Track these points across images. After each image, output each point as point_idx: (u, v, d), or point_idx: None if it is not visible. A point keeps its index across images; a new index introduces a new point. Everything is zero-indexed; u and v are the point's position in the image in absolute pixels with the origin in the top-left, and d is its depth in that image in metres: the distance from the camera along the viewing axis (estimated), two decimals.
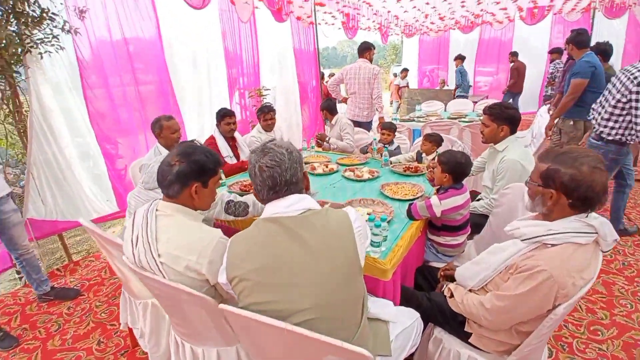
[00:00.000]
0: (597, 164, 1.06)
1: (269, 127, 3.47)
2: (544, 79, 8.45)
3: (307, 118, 6.41)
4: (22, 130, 2.63)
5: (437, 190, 2.13)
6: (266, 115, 3.41)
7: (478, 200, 2.42)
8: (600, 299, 2.30)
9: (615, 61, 6.23)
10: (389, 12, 6.12)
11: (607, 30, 7.27)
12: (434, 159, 2.95)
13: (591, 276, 1.08)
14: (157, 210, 1.19)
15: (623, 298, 2.29)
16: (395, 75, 12.35)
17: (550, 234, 1.12)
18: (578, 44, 3.22)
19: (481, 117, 4.95)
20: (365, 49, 4.19)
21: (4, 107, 2.57)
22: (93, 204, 3.15)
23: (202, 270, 1.11)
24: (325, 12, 5.80)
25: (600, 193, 1.07)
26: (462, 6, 5.62)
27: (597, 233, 1.09)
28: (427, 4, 5.37)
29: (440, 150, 2.85)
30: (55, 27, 2.65)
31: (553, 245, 1.11)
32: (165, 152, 2.61)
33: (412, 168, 2.69)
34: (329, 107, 3.75)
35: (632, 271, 2.57)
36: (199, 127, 4.28)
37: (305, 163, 2.99)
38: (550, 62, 6.69)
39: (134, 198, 1.81)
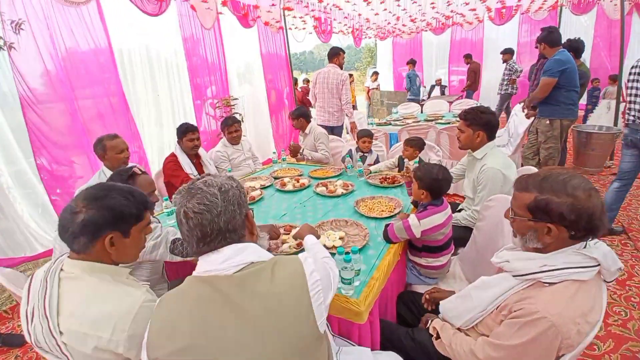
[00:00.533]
0: (589, 185, 0.93)
1: (234, 139, 3.23)
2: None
3: (281, 127, 6.18)
4: None
5: (416, 206, 1.95)
6: (230, 127, 3.17)
7: (459, 210, 2.26)
8: None
9: (585, 57, 6.36)
10: (359, 15, 6.01)
11: (575, 26, 7.45)
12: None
13: (597, 319, 0.91)
14: (61, 270, 0.93)
15: (616, 305, 2.17)
16: (376, 74, 12.31)
17: (546, 271, 0.94)
18: (550, 43, 3.16)
19: (457, 118, 4.90)
20: (334, 55, 4.13)
21: None
22: (38, 237, 2.80)
23: (118, 350, 0.85)
24: (294, 17, 5.61)
25: (602, 218, 0.90)
26: (433, 7, 5.58)
27: (599, 265, 0.93)
28: (398, 5, 5.29)
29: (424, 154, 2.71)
30: None
31: (551, 284, 0.93)
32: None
33: (389, 179, 2.52)
34: (302, 115, 3.51)
35: (622, 274, 2.47)
36: (159, 144, 3.98)
37: (275, 178, 2.77)
38: (503, 63, 6.85)
39: (59, 243, 1.52)
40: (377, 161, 3.11)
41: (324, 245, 1.61)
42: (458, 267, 1.94)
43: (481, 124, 1.98)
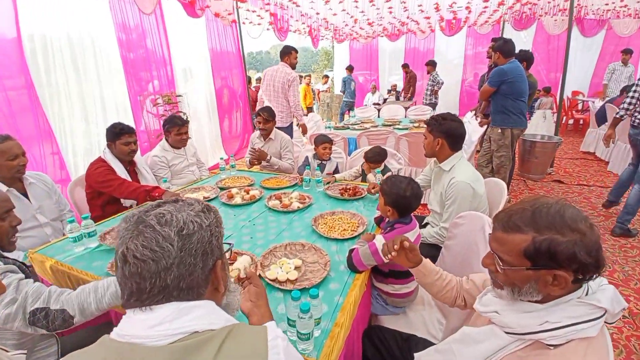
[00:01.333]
0: (582, 213, 0.76)
1: (182, 142, 2.79)
2: (462, 87, 9.10)
3: (233, 128, 5.74)
4: None
5: (379, 224, 1.74)
6: (181, 128, 2.73)
7: (425, 225, 2.11)
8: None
9: None
10: (317, 13, 5.80)
11: (515, 41, 7.97)
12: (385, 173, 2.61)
13: None
14: None
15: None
16: (325, 77, 12.26)
17: (549, 330, 0.74)
18: (504, 53, 3.21)
19: (414, 124, 4.88)
20: (286, 53, 3.97)
21: None
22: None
23: None
24: (248, 10, 5.22)
25: (602, 253, 0.73)
26: (390, 12, 5.56)
27: (606, 312, 0.76)
28: (356, 7, 5.17)
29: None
30: None
31: (556, 345, 0.74)
32: (2, 187, 1.80)
33: (349, 190, 2.29)
34: (270, 115, 3.07)
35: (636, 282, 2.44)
36: (86, 146, 3.37)
37: (222, 189, 2.41)
38: (427, 73, 7.25)
39: None
40: (336, 170, 2.88)
41: (276, 280, 1.32)
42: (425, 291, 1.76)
43: (441, 131, 1.87)
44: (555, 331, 0.73)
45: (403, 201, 1.49)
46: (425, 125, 2.00)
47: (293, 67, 4.02)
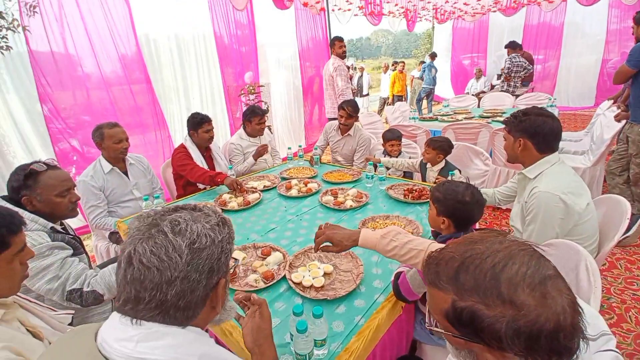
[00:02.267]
0: (542, 272, 0.51)
1: (259, 132, 2.93)
2: (601, 69, 7.17)
3: (321, 117, 5.81)
4: None
5: (436, 237, 1.47)
6: (261, 118, 2.85)
7: None
8: None
9: None
10: None
11: None
12: (444, 173, 2.26)
13: None
14: None
15: None
16: (421, 63, 11.32)
17: None
18: None
19: None
20: (332, 45, 4.04)
21: None
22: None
23: None
24: None
25: (575, 331, 0.49)
26: None
27: None
28: None
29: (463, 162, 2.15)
30: (1, 27, 2.31)
31: None
32: (107, 166, 2.17)
33: (415, 192, 2.02)
34: (354, 109, 2.85)
35: None
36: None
37: (283, 179, 2.44)
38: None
39: None
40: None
41: (300, 284, 1.24)
42: None
43: (522, 130, 1.49)
44: None
45: (462, 208, 1.22)
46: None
47: (340, 56, 4.01)
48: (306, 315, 0.95)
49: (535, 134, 1.45)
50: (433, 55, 8.01)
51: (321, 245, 1.16)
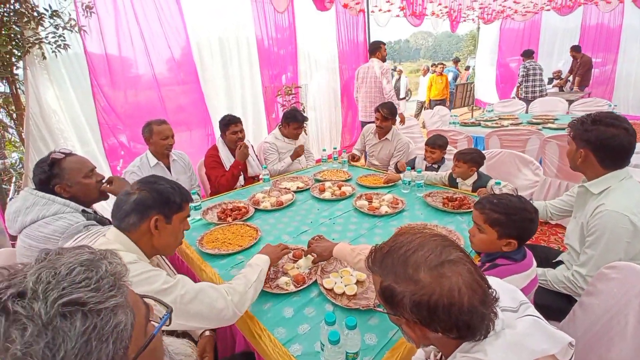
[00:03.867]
0: (442, 256, 0.62)
1: (296, 137, 2.94)
2: None
3: (356, 120, 5.75)
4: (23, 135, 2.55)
5: (479, 254, 1.36)
6: (300, 124, 2.86)
7: (555, 264, 1.55)
8: None
9: None
10: None
11: None
12: (479, 185, 2.11)
13: None
14: (103, 235, 1.04)
15: None
16: (467, 69, 10.84)
17: None
18: None
19: None
20: (376, 49, 4.09)
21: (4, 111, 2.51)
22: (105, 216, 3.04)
23: None
24: None
25: (473, 308, 0.57)
26: None
27: None
28: None
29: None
30: (57, 26, 2.49)
31: None
32: (153, 160, 2.30)
33: (455, 201, 1.90)
34: (389, 111, 2.78)
35: None
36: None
37: (317, 181, 2.41)
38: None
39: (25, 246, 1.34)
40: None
41: (332, 290, 1.20)
42: None
43: (587, 140, 1.31)
44: None
45: (528, 226, 1.12)
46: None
47: (383, 60, 4.08)
48: (338, 325, 0.90)
49: (602, 147, 1.29)
50: (456, 60, 7.90)
51: (310, 256, 1.37)
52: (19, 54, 2.35)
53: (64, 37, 2.54)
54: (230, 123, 2.55)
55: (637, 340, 0.90)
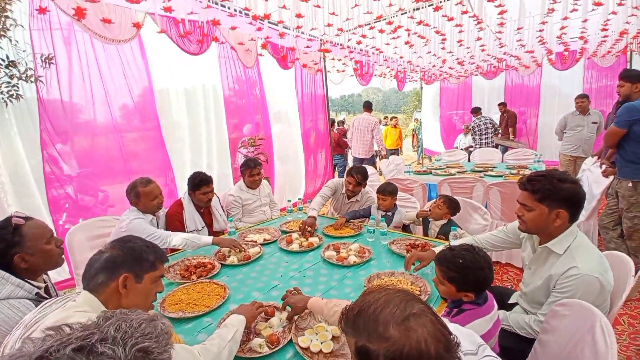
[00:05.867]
0: (406, 310, 0.67)
1: (254, 183, 2.97)
2: None
3: (318, 168, 5.97)
4: None
5: (446, 300, 1.43)
6: (252, 170, 2.92)
7: (509, 306, 1.65)
8: None
9: None
10: (401, 57, 5.79)
11: None
12: (445, 229, 2.26)
13: None
14: (73, 301, 0.95)
15: None
16: (416, 120, 11.97)
17: None
18: (632, 78, 2.60)
19: (512, 171, 4.22)
20: (370, 107, 5.79)
21: None
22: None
23: None
24: (333, 59, 5.57)
25: (439, 355, 0.62)
26: (483, 50, 5.17)
27: None
28: (443, 48, 4.97)
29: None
30: (13, 76, 2.40)
31: None
32: (148, 216, 2.24)
33: (418, 246, 2.01)
34: (363, 177, 2.74)
35: None
36: None
37: (283, 232, 2.41)
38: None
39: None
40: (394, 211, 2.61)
41: (308, 349, 1.16)
42: None
43: (563, 199, 1.31)
44: None
45: (483, 281, 1.21)
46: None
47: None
48: None
49: (574, 204, 1.31)
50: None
51: (286, 310, 1.38)
52: None
53: (18, 87, 2.44)
54: (201, 184, 2.47)
55: None
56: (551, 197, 1.32)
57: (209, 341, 1.06)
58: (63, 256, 1.41)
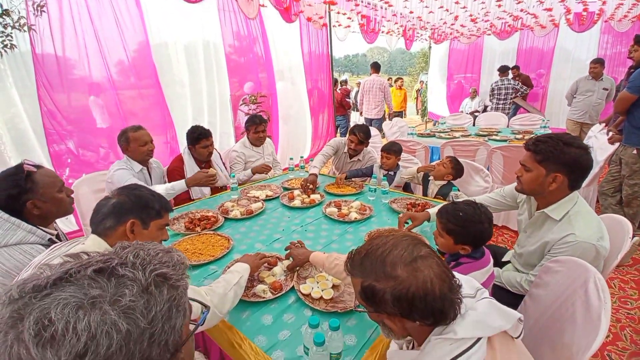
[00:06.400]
0: (414, 253, 0.70)
1: (259, 140, 2.94)
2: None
3: (319, 129, 5.88)
4: None
5: (443, 253, 1.47)
6: (258, 127, 2.88)
7: (502, 264, 1.71)
8: None
9: None
10: (411, 12, 5.45)
11: None
12: (445, 190, 2.28)
13: None
14: (82, 244, 1.01)
15: None
16: (421, 82, 11.59)
17: None
18: None
19: (517, 136, 4.17)
20: (378, 68, 5.83)
21: None
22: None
23: None
24: (339, 13, 5.24)
25: (445, 296, 0.66)
26: (499, 6, 4.84)
27: (480, 339, 0.67)
28: (457, 3, 4.66)
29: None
30: (6, 25, 2.30)
31: None
32: (137, 166, 2.21)
33: (418, 205, 2.04)
34: (366, 135, 2.68)
35: None
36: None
37: (285, 189, 2.43)
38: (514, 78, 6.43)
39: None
40: (409, 183, 2.62)
41: (309, 295, 1.22)
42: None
43: (564, 163, 1.27)
44: None
45: (480, 236, 1.23)
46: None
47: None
48: (321, 328, 0.93)
49: (576, 169, 1.27)
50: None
51: (286, 261, 1.43)
52: None
53: (12, 37, 2.34)
54: (201, 137, 2.44)
55: (587, 325, 1.03)
56: (552, 159, 1.28)
57: (215, 284, 1.11)
58: (73, 205, 1.43)
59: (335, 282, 1.30)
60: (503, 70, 6.19)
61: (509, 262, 1.71)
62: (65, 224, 2.88)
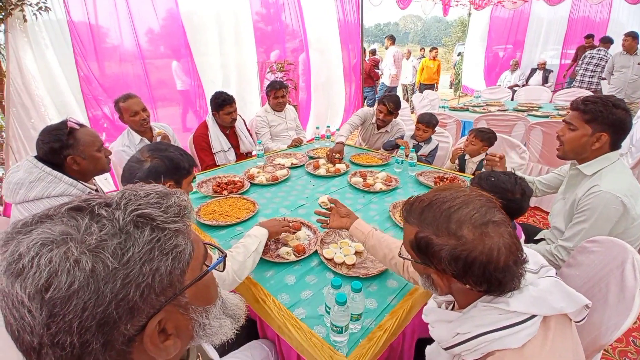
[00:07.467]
0: (486, 217, 0.63)
1: (279, 106, 2.94)
2: None
3: (349, 99, 5.74)
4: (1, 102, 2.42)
5: None
6: (277, 92, 2.87)
7: (538, 241, 1.65)
8: None
9: None
10: None
11: None
12: (476, 169, 2.18)
13: None
14: None
15: None
16: (459, 54, 10.87)
17: (460, 343, 0.65)
18: None
19: (561, 112, 3.86)
20: (394, 39, 6.26)
21: None
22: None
23: None
24: None
25: (509, 267, 0.61)
26: None
27: (534, 316, 0.62)
28: None
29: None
30: None
31: None
32: (137, 137, 2.17)
33: (447, 179, 1.97)
34: (396, 105, 2.57)
35: None
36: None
37: (311, 158, 2.42)
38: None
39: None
40: (433, 151, 2.51)
41: (332, 260, 1.24)
42: None
43: (610, 123, 1.28)
44: (466, 344, 0.65)
45: (513, 206, 1.18)
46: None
47: None
48: (343, 290, 0.95)
49: (620, 130, 1.29)
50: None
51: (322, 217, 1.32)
52: (1, 16, 2.19)
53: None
54: (224, 104, 2.44)
55: (619, 304, 0.99)
56: (600, 119, 1.29)
57: (234, 249, 1.14)
58: (110, 165, 1.51)
59: (358, 249, 1.30)
60: (606, 41, 5.46)
61: (542, 239, 1.65)
62: (104, 184, 3.06)
